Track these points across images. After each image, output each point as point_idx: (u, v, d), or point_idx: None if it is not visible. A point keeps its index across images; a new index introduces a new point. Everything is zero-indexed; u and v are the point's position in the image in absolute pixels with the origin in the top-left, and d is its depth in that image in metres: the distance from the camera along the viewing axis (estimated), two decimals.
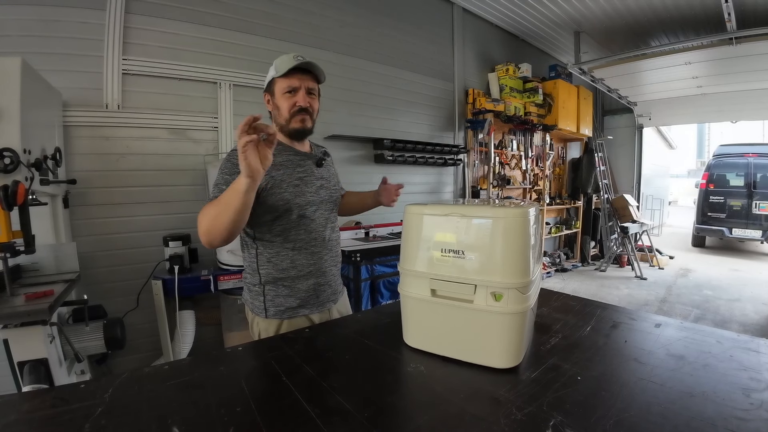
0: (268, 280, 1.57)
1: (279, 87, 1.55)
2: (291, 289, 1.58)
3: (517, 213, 1.11)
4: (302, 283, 1.59)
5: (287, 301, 1.57)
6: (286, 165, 1.56)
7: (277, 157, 1.51)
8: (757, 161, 8.39)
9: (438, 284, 1.18)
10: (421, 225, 1.23)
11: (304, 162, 1.62)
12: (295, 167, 1.58)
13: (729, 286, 6.07)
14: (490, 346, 1.13)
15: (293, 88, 1.54)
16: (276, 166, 1.51)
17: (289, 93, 1.54)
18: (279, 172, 1.52)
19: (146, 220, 3.09)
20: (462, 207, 1.21)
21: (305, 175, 1.59)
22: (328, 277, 1.67)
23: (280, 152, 1.55)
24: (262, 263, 1.57)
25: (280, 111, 1.57)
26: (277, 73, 1.53)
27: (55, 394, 1.03)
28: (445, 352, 1.20)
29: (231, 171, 1.44)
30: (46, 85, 2.36)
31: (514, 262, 1.10)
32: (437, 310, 1.19)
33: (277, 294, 1.57)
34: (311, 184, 1.60)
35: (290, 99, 1.54)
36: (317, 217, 1.61)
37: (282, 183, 1.51)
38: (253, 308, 1.62)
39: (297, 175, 1.56)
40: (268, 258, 1.56)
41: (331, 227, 1.69)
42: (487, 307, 1.10)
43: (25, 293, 1.86)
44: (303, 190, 1.56)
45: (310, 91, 1.58)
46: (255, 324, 1.62)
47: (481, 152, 5.72)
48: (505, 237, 1.10)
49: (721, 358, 1.15)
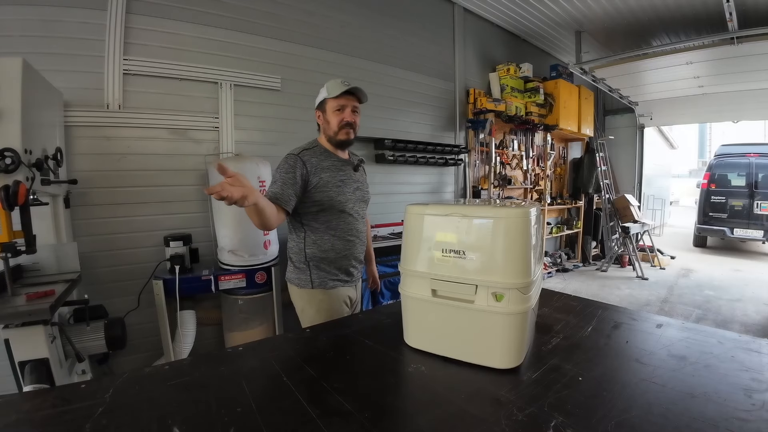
0: (312, 259, 1.93)
1: (330, 106, 1.93)
2: (330, 266, 1.95)
3: (518, 213, 1.11)
4: (339, 263, 1.96)
5: (328, 275, 1.94)
6: (331, 169, 1.92)
7: (324, 162, 1.91)
8: (759, 161, 8.36)
9: (439, 284, 1.19)
10: (422, 225, 1.23)
11: (345, 167, 1.99)
12: (338, 171, 1.94)
13: (731, 286, 6.06)
14: (491, 347, 1.13)
15: (342, 107, 1.91)
16: (324, 169, 1.89)
17: (338, 111, 1.91)
18: (326, 174, 1.89)
19: (147, 220, 3.08)
20: (463, 207, 1.22)
21: (345, 178, 1.96)
22: (358, 259, 2.06)
23: (327, 158, 1.94)
24: (309, 244, 1.93)
25: (330, 125, 1.94)
26: (329, 95, 1.90)
27: (56, 394, 1.03)
28: (445, 353, 1.20)
29: (287, 171, 1.81)
30: (47, 85, 2.36)
31: (515, 263, 1.10)
32: (438, 310, 1.20)
33: (319, 269, 1.93)
34: (349, 186, 1.97)
35: (339, 115, 1.92)
36: (354, 213, 1.99)
37: (328, 183, 1.88)
38: (299, 283, 1.96)
39: (339, 177, 1.93)
40: (313, 240, 1.92)
41: (362, 222, 2.07)
42: (488, 308, 1.11)
43: (26, 293, 1.86)
44: (343, 190, 1.93)
45: (354, 109, 1.95)
46: (299, 298, 1.98)
47: (482, 152, 5.71)
48: (506, 237, 1.10)
49: (722, 359, 1.15)
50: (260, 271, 3.10)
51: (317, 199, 1.86)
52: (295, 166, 1.82)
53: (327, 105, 1.94)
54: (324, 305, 1.92)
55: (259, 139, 3.61)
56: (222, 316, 3.31)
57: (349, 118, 1.92)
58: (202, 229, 3.29)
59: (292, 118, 3.79)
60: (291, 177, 1.79)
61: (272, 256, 3.21)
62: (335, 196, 1.89)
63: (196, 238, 3.16)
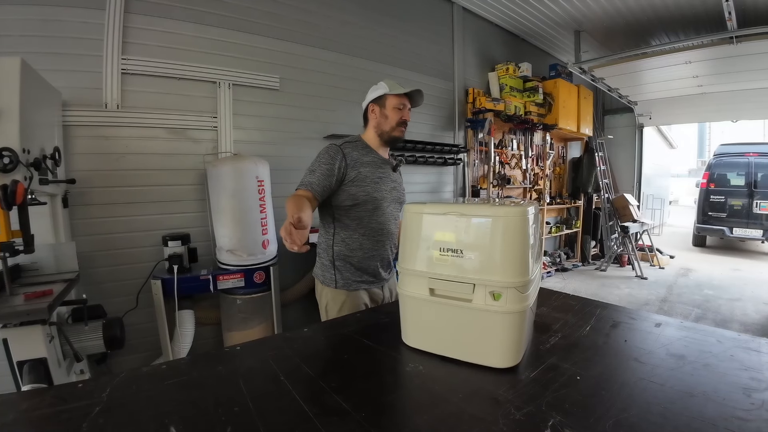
0: (339, 258, 1.93)
1: (391, 102, 1.96)
2: (356, 266, 1.93)
3: (516, 212, 1.11)
4: (366, 263, 1.93)
5: (353, 275, 1.92)
6: (371, 164, 1.93)
7: (365, 157, 1.93)
8: (758, 160, 8.36)
9: (437, 283, 1.19)
10: (421, 224, 1.23)
11: (384, 165, 2.01)
12: (377, 168, 1.95)
13: (730, 285, 6.06)
14: (489, 346, 1.13)
15: (403, 105, 1.97)
16: (364, 164, 1.91)
17: (399, 108, 1.96)
18: (366, 169, 1.90)
19: (145, 220, 3.08)
20: (461, 206, 1.22)
21: (383, 175, 1.97)
22: (386, 260, 2.01)
23: (368, 153, 1.96)
24: (337, 242, 1.93)
25: (389, 119, 1.96)
26: (391, 91, 1.94)
27: (53, 394, 1.03)
28: (444, 352, 1.20)
29: (326, 162, 1.82)
30: (46, 84, 2.35)
31: (513, 262, 1.10)
32: (436, 309, 1.19)
33: (345, 270, 1.92)
34: (386, 184, 1.98)
35: (399, 113, 1.96)
36: (388, 212, 1.97)
37: (366, 178, 1.88)
38: (324, 280, 1.97)
39: (378, 174, 1.94)
40: (342, 238, 1.92)
41: (395, 222, 2.03)
42: (485, 307, 1.11)
43: (24, 293, 1.85)
44: (380, 187, 1.93)
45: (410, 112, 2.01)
46: (323, 295, 1.98)
47: (482, 152, 5.71)
48: (504, 236, 1.10)
49: (721, 358, 1.15)
50: (259, 271, 3.10)
51: (353, 192, 1.86)
52: (335, 158, 1.83)
53: (387, 101, 1.96)
54: (346, 306, 1.91)
55: (258, 138, 3.61)
56: (221, 315, 3.30)
57: (407, 116, 1.98)
58: (200, 228, 3.29)
59: (291, 118, 3.79)
60: (329, 168, 1.81)
61: (271, 255, 3.21)
62: (372, 192, 1.89)
63: (195, 238, 3.15)
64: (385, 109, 1.97)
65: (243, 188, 3.02)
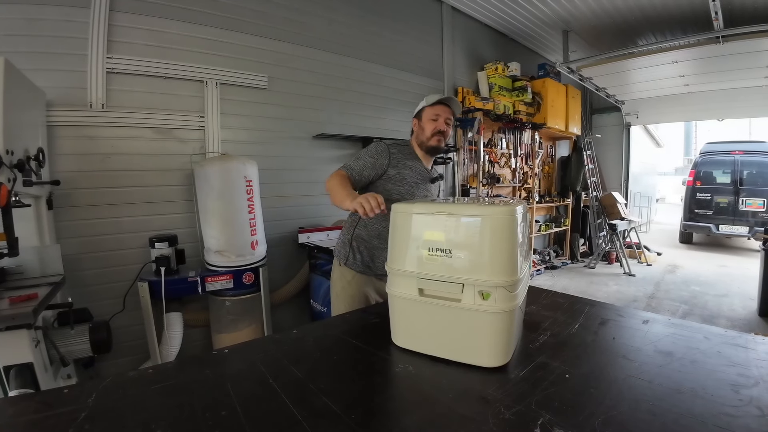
0: (357, 238, 2.05)
1: (427, 114, 2.05)
2: (369, 252, 2.03)
3: (504, 211, 1.11)
4: (379, 253, 2.01)
5: (364, 258, 2.03)
6: (412, 169, 2.03)
7: (408, 161, 2.03)
8: (744, 158, 8.49)
9: (426, 283, 1.19)
10: (409, 224, 1.23)
11: (423, 175, 2.08)
12: (417, 174, 2.04)
13: (716, 281, 6.14)
14: (479, 345, 1.13)
15: (437, 116, 2.02)
16: (406, 166, 2.01)
17: (433, 120, 2.02)
18: (406, 171, 2.00)
19: (132, 221, 3.04)
20: (450, 205, 1.22)
21: (420, 183, 2.06)
22: None
23: (411, 158, 2.06)
24: (360, 225, 2.06)
25: (425, 131, 2.04)
26: (427, 103, 2.03)
27: (38, 399, 1.01)
28: (433, 352, 1.20)
29: (372, 155, 1.96)
30: (30, 84, 2.32)
31: (502, 261, 1.10)
32: (425, 309, 1.20)
33: (359, 251, 2.04)
34: (420, 191, 2.06)
35: (433, 123, 2.02)
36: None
37: (404, 180, 1.99)
38: (338, 255, 2.12)
39: (415, 179, 2.03)
40: (365, 223, 2.03)
41: None
42: (474, 306, 1.11)
43: (8, 296, 1.82)
44: (413, 192, 2.02)
45: (447, 121, 2.04)
46: (334, 271, 2.13)
47: (471, 151, 5.72)
48: (492, 235, 1.10)
49: (709, 354, 1.16)
50: (248, 272, 3.08)
51: (388, 188, 1.96)
52: (381, 154, 1.96)
53: (424, 113, 2.06)
54: (352, 287, 2.03)
55: (246, 138, 3.58)
56: (209, 317, 3.28)
57: (442, 126, 2.02)
58: (188, 229, 3.26)
59: (279, 117, 3.77)
60: (372, 162, 1.94)
61: (260, 256, 3.19)
62: (405, 194, 1.98)
63: (182, 239, 3.12)
64: (422, 122, 2.07)
65: (231, 188, 3.00)
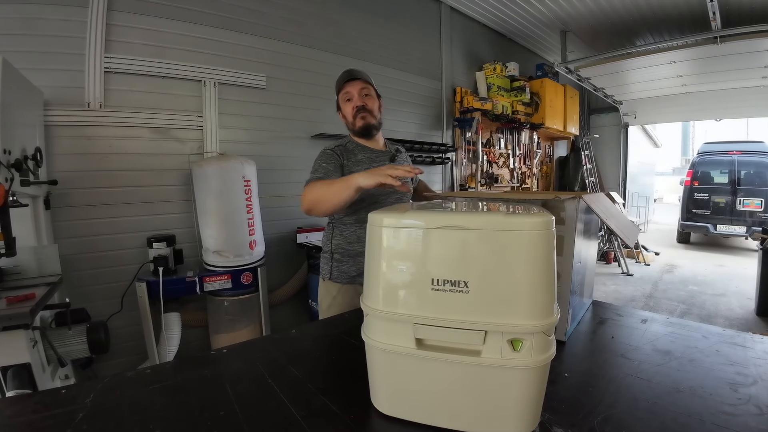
0: (336, 250, 1.89)
1: (340, 100, 1.94)
2: (353, 260, 1.86)
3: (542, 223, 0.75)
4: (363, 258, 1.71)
5: (348, 269, 1.87)
6: (363, 162, 1.86)
7: (358, 155, 1.87)
8: (741, 158, 8.53)
9: (429, 331, 0.80)
10: (398, 242, 0.82)
11: (379, 158, 1.91)
12: (371, 163, 1.86)
13: (714, 281, 6.16)
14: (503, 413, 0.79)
15: (348, 94, 1.89)
16: (357, 162, 1.85)
17: (348, 101, 1.89)
18: (357, 168, 1.81)
19: (130, 221, 3.03)
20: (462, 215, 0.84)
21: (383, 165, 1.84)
22: None
23: (360, 151, 1.89)
24: (336, 235, 1.90)
25: (346, 117, 1.92)
26: (336, 92, 1.92)
27: (36, 400, 1.00)
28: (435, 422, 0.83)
29: (327, 161, 1.78)
30: (27, 84, 2.31)
31: (540, 295, 0.76)
32: (425, 367, 0.82)
33: (341, 262, 1.88)
34: None
35: (349, 104, 1.89)
36: (388, 204, 1.85)
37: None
38: (322, 272, 1.95)
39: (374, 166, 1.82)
40: (340, 231, 1.89)
41: None
42: (501, 361, 0.76)
43: (6, 297, 1.82)
44: None
45: (363, 92, 1.88)
46: (320, 287, 1.95)
47: (469, 151, 5.73)
48: (527, 258, 0.74)
49: (707, 353, 1.16)
50: (246, 272, 3.08)
51: None
52: (333, 156, 1.81)
53: (339, 101, 1.96)
54: (338, 301, 1.85)
55: (244, 138, 3.58)
56: (208, 318, 3.27)
57: (357, 102, 1.87)
58: (186, 229, 3.25)
59: (277, 117, 3.76)
60: (333, 165, 1.77)
61: (258, 256, 3.19)
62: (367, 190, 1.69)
63: (180, 239, 3.12)
64: (342, 110, 1.96)
65: (229, 188, 2.99)
